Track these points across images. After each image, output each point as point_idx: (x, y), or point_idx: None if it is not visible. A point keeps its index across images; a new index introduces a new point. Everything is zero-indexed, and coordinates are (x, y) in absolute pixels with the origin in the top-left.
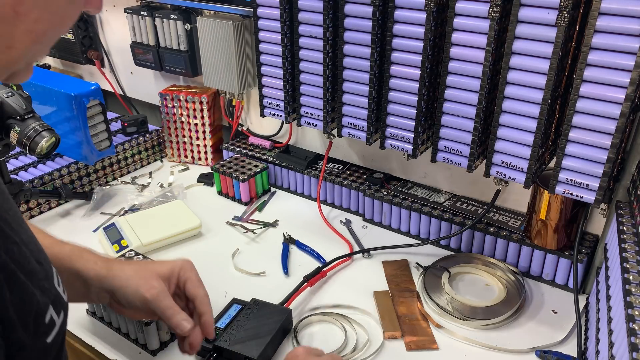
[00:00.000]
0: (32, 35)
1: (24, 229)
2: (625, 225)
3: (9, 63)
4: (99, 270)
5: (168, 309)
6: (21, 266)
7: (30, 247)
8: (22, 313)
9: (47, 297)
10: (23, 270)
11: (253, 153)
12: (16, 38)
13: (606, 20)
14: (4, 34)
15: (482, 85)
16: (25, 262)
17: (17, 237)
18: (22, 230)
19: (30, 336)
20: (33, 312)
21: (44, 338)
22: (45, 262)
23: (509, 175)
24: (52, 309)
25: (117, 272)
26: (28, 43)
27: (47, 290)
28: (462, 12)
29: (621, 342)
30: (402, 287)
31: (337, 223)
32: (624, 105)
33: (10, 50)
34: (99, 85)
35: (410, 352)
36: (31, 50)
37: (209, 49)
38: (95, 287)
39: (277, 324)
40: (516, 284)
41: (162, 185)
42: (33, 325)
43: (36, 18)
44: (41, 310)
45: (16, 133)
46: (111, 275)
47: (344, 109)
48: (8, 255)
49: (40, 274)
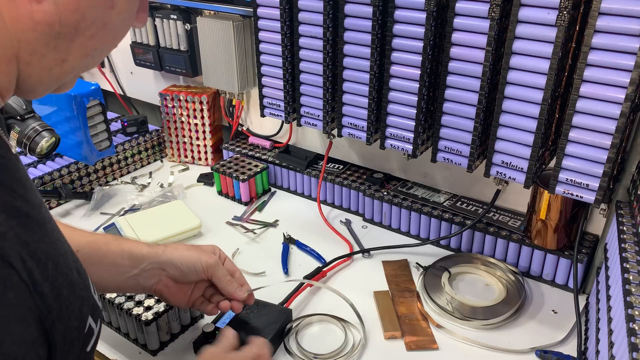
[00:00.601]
0: (85, 49)
1: (62, 239)
2: (625, 225)
3: (61, 75)
4: (154, 247)
5: (227, 275)
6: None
7: (69, 257)
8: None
9: (87, 306)
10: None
11: (253, 153)
12: (71, 52)
13: (606, 20)
14: (63, 49)
15: (482, 85)
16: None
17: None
18: (61, 241)
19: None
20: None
21: (85, 348)
22: (82, 270)
23: (509, 175)
24: (91, 317)
25: (172, 248)
26: (80, 57)
27: (86, 300)
28: (462, 12)
29: (621, 342)
30: (402, 287)
31: (337, 223)
32: (624, 105)
33: (64, 64)
34: (99, 85)
35: (410, 352)
36: (82, 64)
37: (209, 49)
38: (149, 262)
39: (277, 324)
40: (516, 284)
41: (162, 185)
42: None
43: (92, 35)
44: (83, 322)
45: (16, 133)
46: (169, 250)
47: (344, 109)
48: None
49: (80, 284)
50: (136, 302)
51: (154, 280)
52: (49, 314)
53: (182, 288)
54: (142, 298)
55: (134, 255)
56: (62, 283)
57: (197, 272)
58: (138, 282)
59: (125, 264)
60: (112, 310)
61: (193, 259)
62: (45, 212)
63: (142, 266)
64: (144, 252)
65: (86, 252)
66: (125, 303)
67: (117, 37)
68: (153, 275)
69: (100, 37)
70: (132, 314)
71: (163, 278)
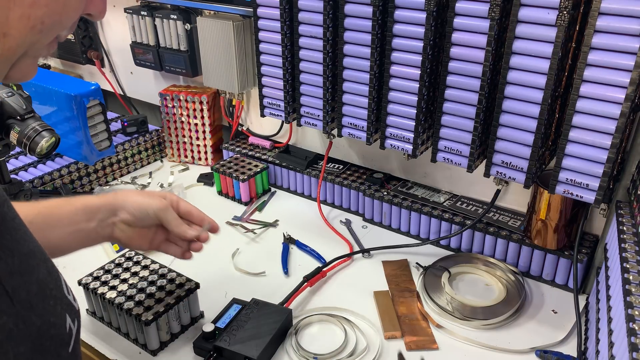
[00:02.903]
0: (28, 21)
1: (28, 238)
2: (625, 225)
3: (4, 52)
4: (107, 197)
5: (177, 218)
6: (33, 277)
7: (36, 256)
8: (45, 327)
9: (61, 305)
10: (36, 281)
11: (253, 153)
12: (11, 24)
13: (606, 20)
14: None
15: (482, 85)
16: (37, 272)
17: (26, 248)
18: (26, 239)
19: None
20: (55, 325)
21: (67, 348)
22: (53, 271)
23: (509, 175)
24: (69, 317)
25: (122, 194)
26: (24, 30)
27: (59, 299)
28: (462, 12)
29: (621, 342)
30: (402, 287)
31: (337, 223)
32: (624, 105)
33: (6, 38)
34: (99, 85)
35: (410, 352)
36: (29, 39)
37: (209, 49)
38: (102, 212)
39: (277, 324)
40: (516, 284)
41: (162, 185)
42: (57, 336)
43: (32, 2)
44: (62, 320)
45: (16, 133)
46: (120, 196)
47: (344, 108)
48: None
49: (51, 284)
50: (136, 302)
51: (110, 229)
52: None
53: (141, 233)
54: (142, 298)
55: (88, 208)
56: (29, 280)
57: (149, 216)
58: (98, 234)
59: (81, 220)
60: (112, 310)
61: (144, 204)
62: (9, 209)
63: (98, 217)
64: (97, 203)
65: (41, 220)
66: (125, 303)
67: (67, 10)
68: (110, 224)
69: (42, 6)
70: (132, 314)
71: (119, 224)
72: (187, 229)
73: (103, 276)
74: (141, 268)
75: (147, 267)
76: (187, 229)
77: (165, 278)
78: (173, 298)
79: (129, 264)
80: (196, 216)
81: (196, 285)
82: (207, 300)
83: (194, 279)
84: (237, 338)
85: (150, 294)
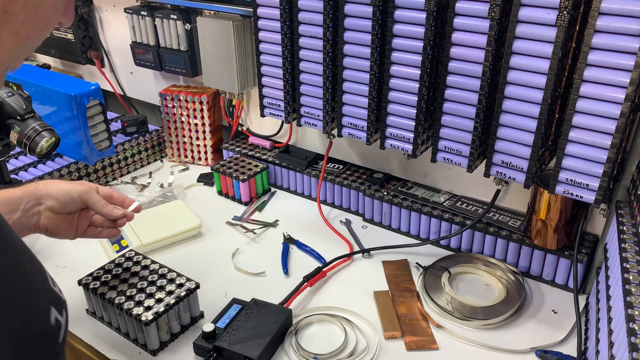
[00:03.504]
0: (18, 37)
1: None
2: (625, 225)
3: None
4: (28, 187)
5: (100, 200)
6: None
7: (24, 251)
8: (31, 324)
9: (47, 299)
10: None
11: (253, 153)
12: (3, 39)
13: (606, 20)
14: None
15: (482, 85)
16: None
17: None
18: (14, 234)
19: (42, 344)
20: (40, 321)
21: (56, 340)
22: (37, 263)
23: (509, 175)
24: (55, 310)
25: (44, 183)
26: (13, 45)
27: (45, 293)
28: (462, 12)
29: (621, 342)
30: (402, 287)
31: (337, 223)
32: (624, 105)
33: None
34: (99, 85)
35: (410, 352)
36: (15, 53)
37: (209, 49)
38: (25, 202)
39: (277, 324)
40: (516, 284)
41: (162, 185)
42: (43, 332)
43: (24, 20)
44: (46, 314)
45: (16, 133)
46: (41, 186)
47: (344, 108)
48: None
49: (37, 277)
50: (136, 302)
51: (36, 218)
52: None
53: (66, 219)
54: (142, 298)
55: (10, 200)
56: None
57: (74, 200)
58: (23, 224)
59: (4, 212)
60: (112, 310)
61: (67, 188)
62: None
63: (21, 207)
64: (19, 194)
65: None
66: (125, 303)
67: (49, 24)
68: (34, 213)
69: (32, 23)
70: (132, 314)
71: (44, 212)
72: (113, 208)
73: (103, 276)
74: (141, 268)
75: (147, 267)
76: (113, 208)
77: (165, 278)
78: (173, 298)
79: (129, 264)
80: (117, 198)
81: (196, 285)
82: (207, 300)
83: (194, 279)
84: (237, 338)
85: (150, 294)
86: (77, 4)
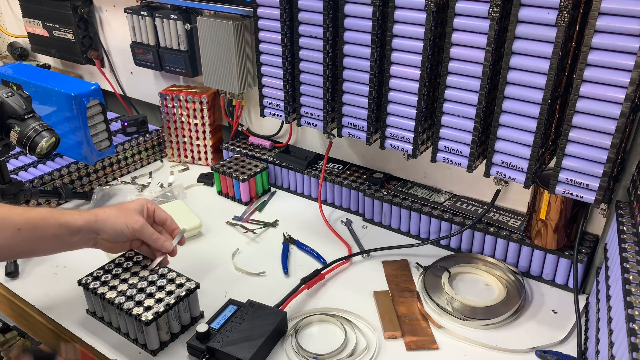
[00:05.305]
0: None
1: None
2: (625, 225)
3: None
4: (87, 218)
5: (153, 234)
6: None
7: None
8: None
9: None
10: None
11: (253, 153)
12: None
13: (606, 20)
14: None
15: (482, 85)
16: None
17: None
18: None
19: None
20: None
21: None
22: None
23: (509, 175)
24: None
25: (103, 216)
26: None
27: None
28: (462, 12)
29: (621, 342)
30: (402, 287)
31: (338, 223)
32: (624, 105)
33: None
34: (99, 85)
35: (410, 352)
36: None
37: (209, 49)
38: (84, 232)
39: (270, 327)
40: (516, 284)
41: (162, 185)
42: None
43: None
44: None
45: (16, 133)
46: (100, 219)
47: (344, 108)
48: None
49: None
50: (136, 302)
51: (91, 243)
52: None
53: (121, 245)
54: (142, 298)
55: (71, 228)
56: None
57: (127, 237)
58: (80, 245)
59: (65, 234)
60: (112, 310)
61: (120, 226)
62: None
63: (80, 234)
64: (79, 224)
65: (29, 230)
66: (125, 303)
67: None
68: (90, 240)
69: None
70: (132, 314)
71: (99, 240)
72: (164, 242)
73: (103, 276)
74: (141, 268)
75: (147, 267)
76: (164, 241)
77: (165, 278)
78: (173, 298)
79: (129, 264)
80: (169, 226)
81: (196, 285)
82: (207, 300)
83: (194, 279)
84: (230, 339)
85: (150, 294)
86: (77, 4)
